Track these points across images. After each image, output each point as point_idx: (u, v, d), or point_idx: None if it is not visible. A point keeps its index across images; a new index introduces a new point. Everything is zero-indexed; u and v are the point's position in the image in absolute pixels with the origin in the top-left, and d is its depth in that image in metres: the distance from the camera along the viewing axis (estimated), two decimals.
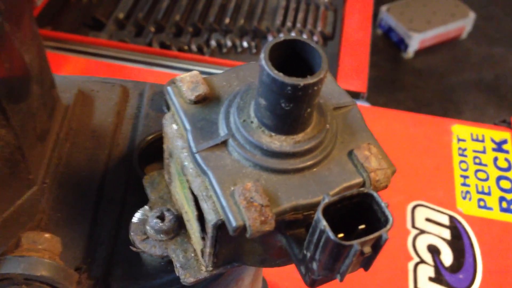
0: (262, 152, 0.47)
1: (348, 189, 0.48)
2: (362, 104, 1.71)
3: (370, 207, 0.44)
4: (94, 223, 0.62)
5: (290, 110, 0.45)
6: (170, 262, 0.56)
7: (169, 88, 0.51)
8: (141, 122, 0.71)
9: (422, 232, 1.28)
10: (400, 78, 3.69)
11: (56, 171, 0.64)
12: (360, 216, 0.45)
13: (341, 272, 0.44)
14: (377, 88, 3.57)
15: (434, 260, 1.23)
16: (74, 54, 1.77)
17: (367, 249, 0.42)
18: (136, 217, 0.56)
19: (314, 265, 0.45)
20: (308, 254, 0.45)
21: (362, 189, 0.43)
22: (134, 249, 0.55)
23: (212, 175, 0.46)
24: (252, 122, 0.48)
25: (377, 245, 0.42)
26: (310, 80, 0.42)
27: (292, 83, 0.42)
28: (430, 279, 1.20)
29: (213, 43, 1.95)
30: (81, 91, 0.72)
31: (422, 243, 1.27)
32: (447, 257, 1.24)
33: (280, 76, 0.42)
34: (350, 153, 0.49)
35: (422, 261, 1.23)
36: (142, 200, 0.61)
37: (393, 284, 1.20)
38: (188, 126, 0.49)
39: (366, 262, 0.45)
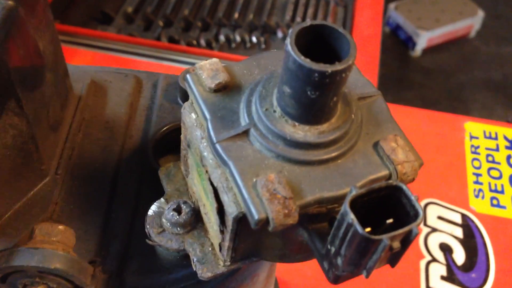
0: (285, 142, 0.45)
1: (374, 182, 0.46)
2: None
3: (398, 200, 0.42)
4: (108, 215, 0.60)
5: (315, 99, 0.43)
6: (186, 256, 0.55)
7: (188, 76, 0.50)
8: (154, 114, 0.70)
9: (434, 230, 1.26)
10: (408, 77, 3.67)
11: (69, 162, 0.63)
12: (387, 210, 0.43)
13: (367, 267, 0.43)
14: (384, 86, 3.54)
15: (446, 259, 1.22)
16: (82, 48, 1.76)
17: (396, 244, 0.40)
18: (152, 209, 0.55)
19: (339, 261, 0.43)
20: (333, 249, 0.43)
21: (390, 181, 0.42)
22: (150, 242, 0.54)
23: (233, 165, 0.45)
24: (275, 111, 0.46)
25: (406, 240, 0.41)
26: (338, 66, 0.41)
27: (319, 69, 0.40)
28: (442, 278, 1.18)
29: (222, 38, 1.93)
30: (94, 81, 0.70)
31: (434, 241, 1.25)
32: (459, 256, 1.22)
33: (307, 62, 0.41)
34: (376, 145, 0.47)
35: (434, 260, 1.21)
36: (157, 192, 0.59)
37: (404, 283, 1.18)
38: (208, 115, 0.48)
39: (393, 258, 0.43)
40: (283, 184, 0.43)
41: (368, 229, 0.42)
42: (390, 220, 0.43)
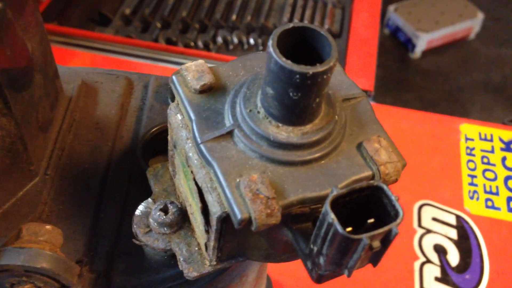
0: (269, 143, 0.46)
1: (357, 182, 0.46)
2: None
3: (379, 200, 0.42)
4: (97, 215, 0.61)
5: (298, 100, 0.43)
6: (173, 256, 0.55)
7: (173, 77, 0.50)
8: (145, 115, 0.70)
9: (428, 231, 1.27)
10: (407, 78, 3.67)
11: (59, 162, 0.63)
12: (369, 210, 0.43)
13: (349, 267, 0.43)
14: (384, 88, 3.55)
15: (441, 260, 1.22)
16: (80, 49, 1.76)
17: (376, 244, 0.41)
18: (139, 209, 0.55)
19: (321, 260, 0.44)
20: (315, 249, 0.44)
21: (371, 181, 0.42)
22: (136, 242, 0.54)
23: (217, 166, 0.45)
24: (258, 112, 0.47)
25: (386, 240, 0.41)
26: (319, 68, 0.41)
27: (300, 71, 0.41)
28: (436, 279, 1.19)
29: (219, 39, 1.94)
30: (85, 83, 0.71)
31: (429, 242, 1.25)
32: (453, 257, 1.22)
33: (288, 63, 0.41)
34: (359, 146, 0.48)
35: (428, 261, 1.22)
36: (145, 193, 0.59)
37: (398, 284, 1.18)
38: (192, 116, 0.48)
39: (375, 257, 0.43)
40: (266, 184, 0.44)
41: (349, 229, 0.42)
42: (371, 220, 0.43)
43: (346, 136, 0.48)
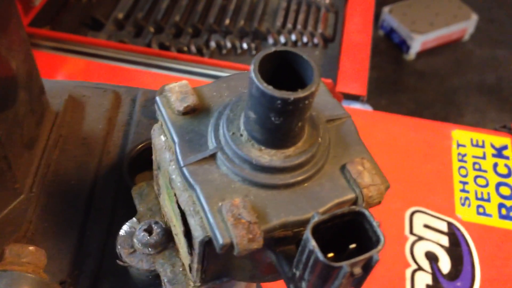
0: (251, 166, 0.45)
1: (340, 206, 0.46)
2: (363, 108, 1.70)
3: (361, 225, 0.42)
4: (82, 234, 0.60)
5: (280, 124, 0.43)
6: (158, 277, 0.55)
7: (157, 99, 0.50)
8: (132, 130, 0.70)
9: (420, 238, 1.27)
10: (402, 80, 3.67)
11: (44, 179, 0.63)
12: (351, 234, 0.43)
13: None
14: (378, 89, 3.55)
15: (432, 267, 1.22)
16: (72, 55, 1.76)
17: (357, 270, 0.41)
18: (123, 229, 0.55)
19: (303, 285, 0.44)
20: (297, 273, 0.44)
21: (353, 207, 0.42)
22: (120, 263, 0.54)
23: (199, 189, 0.45)
24: (241, 135, 0.46)
25: (368, 266, 0.41)
26: (300, 94, 0.41)
27: (282, 97, 0.41)
28: (428, 286, 1.19)
29: (212, 44, 1.93)
30: (72, 97, 0.71)
31: (420, 249, 1.25)
32: (445, 264, 1.22)
33: (269, 89, 0.41)
34: (343, 168, 0.48)
35: (419, 268, 1.22)
36: (132, 210, 0.59)
37: None
38: (175, 138, 0.48)
39: (357, 282, 0.43)
40: (247, 208, 0.43)
41: (331, 255, 0.42)
42: (353, 245, 0.43)
43: (330, 158, 0.48)
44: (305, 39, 1.97)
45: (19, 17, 0.57)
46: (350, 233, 0.43)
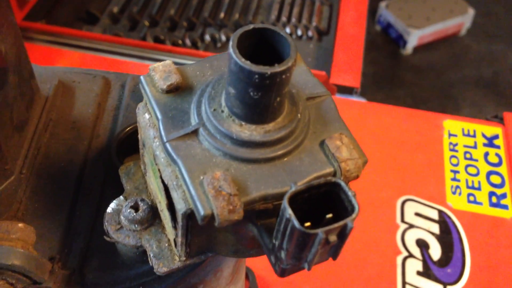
0: (232, 141, 0.47)
1: (319, 179, 0.47)
2: (357, 99, 1.71)
3: (337, 196, 0.44)
4: (72, 214, 0.62)
5: (258, 99, 0.45)
6: (145, 253, 0.56)
7: (142, 78, 0.51)
8: (122, 114, 0.71)
9: (411, 226, 1.28)
10: (399, 75, 3.69)
11: (35, 161, 0.64)
12: (328, 206, 0.44)
13: (308, 261, 0.44)
14: (375, 84, 3.57)
15: (423, 254, 1.23)
16: (68, 48, 1.77)
17: (333, 238, 0.42)
18: (111, 207, 0.56)
19: (283, 254, 0.45)
20: (277, 243, 0.45)
21: (329, 178, 0.43)
22: (108, 239, 0.55)
23: (181, 164, 0.46)
24: (222, 111, 0.48)
25: (343, 234, 0.42)
26: (277, 68, 0.42)
27: (259, 71, 0.42)
28: (418, 273, 1.20)
29: (207, 37, 1.95)
30: (62, 82, 0.72)
31: (411, 237, 1.27)
32: (435, 252, 1.24)
33: (247, 64, 0.42)
34: (322, 143, 0.49)
35: (410, 255, 1.23)
36: (120, 191, 0.60)
37: (381, 278, 1.20)
38: (159, 115, 0.49)
39: (334, 251, 0.45)
40: (228, 181, 0.45)
41: (308, 224, 0.44)
42: (329, 215, 0.44)
43: (310, 134, 0.50)
44: (299, 32, 1.98)
45: (8, 1, 0.59)
46: (327, 204, 0.45)
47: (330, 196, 0.44)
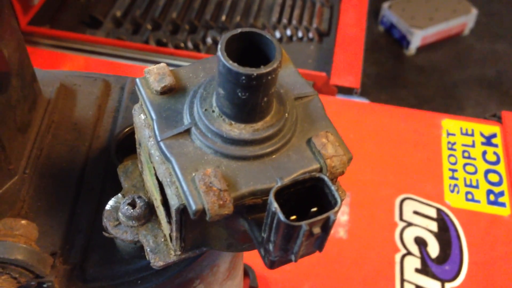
0: (223, 139, 0.49)
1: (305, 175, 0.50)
2: (359, 100, 1.73)
3: (322, 191, 0.46)
4: (73, 211, 0.64)
5: (246, 99, 0.47)
6: (142, 248, 0.59)
7: (137, 80, 0.54)
8: (121, 115, 0.74)
9: (409, 224, 1.30)
10: (402, 75, 3.70)
11: (37, 162, 0.67)
12: (314, 200, 0.47)
13: (294, 252, 0.46)
14: (379, 85, 3.58)
15: (421, 252, 1.25)
16: (72, 52, 1.80)
17: (316, 230, 0.44)
18: (109, 204, 0.59)
19: (271, 247, 0.47)
20: (265, 236, 0.47)
21: (314, 173, 0.46)
22: (106, 234, 0.58)
23: (175, 161, 0.49)
24: (213, 111, 0.50)
25: (326, 226, 0.44)
26: (263, 70, 0.45)
27: (245, 73, 0.44)
28: (417, 270, 1.22)
29: (209, 40, 1.97)
30: (63, 85, 0.74)
31: (410, 235, 1.29)
32: (433, 249, 1.26)
33: (234, 66, 0.45)
34: (309, 141, 0.51)
35: (409, 253, 1.25)
36: (120, 189, 0.63)
37: (380, 276, 1.22)
38: (153, 116, 0.52)
39: (319, 243, 0.47)
40: (218, 177, 0.47)
41: (294, 217, 0.46)
42: (314, 209, 0.47)
43: (297, 132, 0.52)
44: (300, 34, 2.01)
45: (10, 6, 0.61)
46: (313, 199, 0.47)
47: (315, 191, 0.46)
